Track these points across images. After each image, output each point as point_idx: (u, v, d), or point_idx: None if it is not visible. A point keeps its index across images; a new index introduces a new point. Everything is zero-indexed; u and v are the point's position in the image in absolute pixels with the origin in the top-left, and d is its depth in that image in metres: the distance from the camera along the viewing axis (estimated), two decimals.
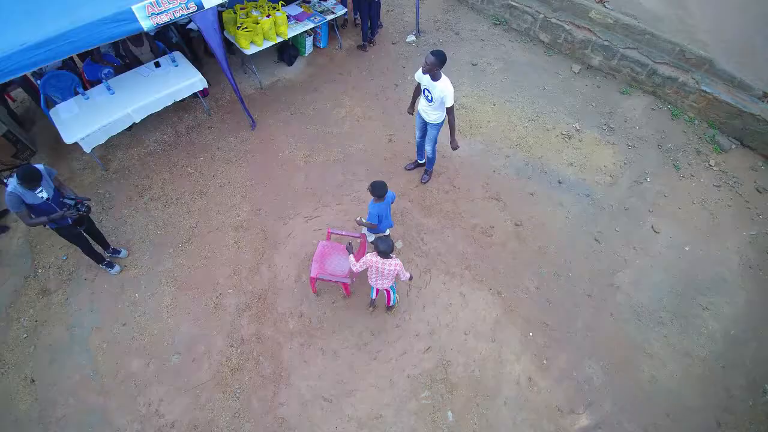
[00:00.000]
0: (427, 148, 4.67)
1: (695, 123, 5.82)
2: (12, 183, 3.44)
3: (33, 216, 3.58)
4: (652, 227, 4.79)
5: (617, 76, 6.32)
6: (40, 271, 4.64)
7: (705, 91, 5.72)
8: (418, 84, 4.31)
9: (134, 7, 3.91)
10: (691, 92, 5.85)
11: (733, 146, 5.66)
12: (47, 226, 3.75)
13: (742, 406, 3.83)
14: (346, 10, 6.42)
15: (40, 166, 3.54)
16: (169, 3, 4.06)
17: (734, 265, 4.61)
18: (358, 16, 6.82)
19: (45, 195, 3.56)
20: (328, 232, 4.20)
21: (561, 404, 3.72)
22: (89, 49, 4.08)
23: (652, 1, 6.49)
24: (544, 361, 3.94)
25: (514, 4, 6.87)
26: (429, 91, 4.18)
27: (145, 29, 4.06)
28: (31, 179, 3.36)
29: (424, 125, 4.56)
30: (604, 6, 6.47)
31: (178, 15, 4.16)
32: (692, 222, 4.88)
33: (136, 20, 3.97)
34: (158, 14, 4.05)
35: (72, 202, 3.65)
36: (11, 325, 4.34)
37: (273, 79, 6.33)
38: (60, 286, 4.49)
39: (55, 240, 4.77)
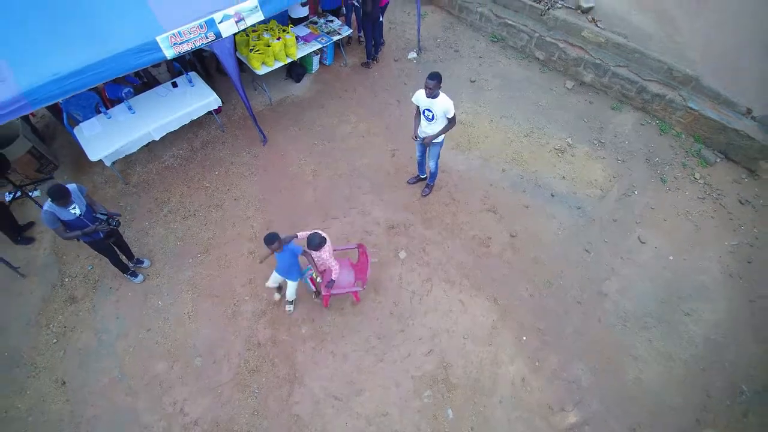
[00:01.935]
0: (431, 164, 4.99)
1: (682, 138, 6.15)
2: (47, 203, 3.76)
3: (68, 231, 3.90)
4: (639, 238, 5.12)
5: (608, 93, 6.66)
6: (66, 280, 4.97)
7: (691, 108, 6.06)
8: (417, 107, 4.60)
9: (158, 38, 4.26)
10: (678, 108, 6.18)
11: (718, 160, 5.99)
12: (81, 240, 4.08)
13: (721, 405, 4.16)
14: (351, 30, 6.76)
15: (72, 186, 3.86)
16: (190, 33, 4.41)
17: (716, 273, 4.94)
18: (362, 33, 7.15)
19: (77, 211, 3.88)
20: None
21: (552, 403, 4.05)
22: (117, 77, 4.40)
23: (642, 20, 6.84)
24: (537, 363, 4.27)
25: (510, 22, 7.21)
26: (430, 110, 4.48)
27: (168, 58, 4.41)
28: (60, 196, 3.66)
29: (424, 148, 4.89)
30: (597, 25, 6.81)
31: (198, 44, 4.51)
32: (677, 233, 5.21)
33: (160, 50, 4.32)
34: (180, 44, 4.40)
35: (104, 217, 3.98)
36: (41, 331, 4.66)
37: (282, 95, 6.67)
38: (87, 294, 4.82)
39: (81, 250, 5.11)
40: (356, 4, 6.46)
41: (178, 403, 4.06)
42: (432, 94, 4.25)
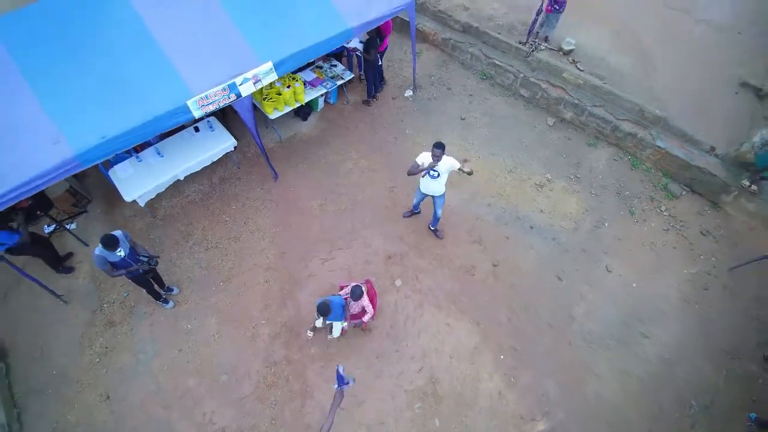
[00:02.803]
0: (438, 211, 5.63)
1: (652, 172, 6.84)
2: (98, 248, 4.49)
3: (115, 270, 4.64)
4: (606, 267, 5.82)
5: (586, 130, 7.35)
6: (105, 306, 5.69)
7: (659, 146, 6.74)
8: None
9: (189, 102, 4.99)
10: (648, 146, 6.86)
11: (684, 193, 6.67)
12: (125, 276, 4.82)
13: (671, 418, 4.86)
14: (352, 75, 7.47)
15: (118, 233, 4.59)
16: (215, 96, 5.14)
17: (674, 299, 5.63)
18: (362, 72, 7.85)
19: (122, 253, 4.61)
20: (341, 286, 5.17)
21: (524, 413, 4.77)
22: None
23: (619, 62, 7.52)
24: (512, 379, 4.99)
25: (498, 63, 7.91)
26: (435, 170, 5.02)
27: (197, 117, 5.15)
28: (111, 244, 4.41)
29: (424, 197, 5.53)
30: (577, 67, 7.50)
31: (222, 104, 5.25)
32: (641, 262, 5.90)
33: (189, 112, 5.05)
34: (207, 105, 5.13)
35: (146, 259, 4.73)
36: (84, 351, 5.37)
37: (291, 133, 7.40)
38: (124, 319, 5.55)
39: (117, 279, 5.82)
40: (358, 55, 7.19)
41: (207, 414, 4.80)
42: (438, 160, 4.83)
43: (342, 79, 7.23)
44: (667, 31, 7.95)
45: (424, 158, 4.98)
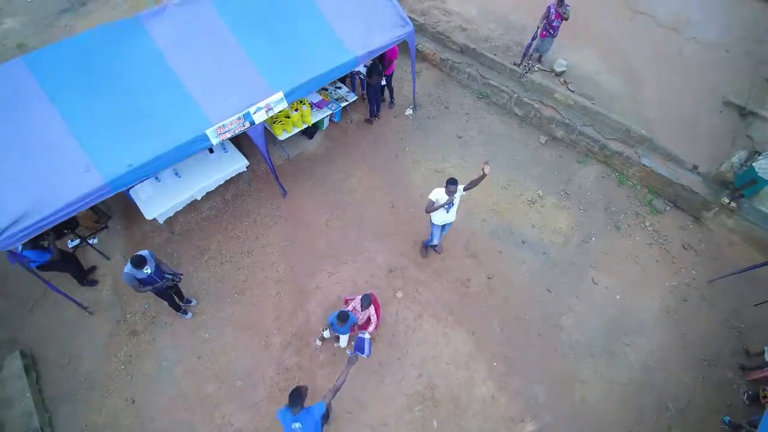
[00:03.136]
0: (444, 233, 6.01)
1: (638, 188, 7.27)
2: (127, 266, 4.95)
3: (142, 286, 5.10)
4: (593, 279, 6.26)
5: (576, 147, 7.79)
6: (128, 316, 6.14)
7: (644, 165, 7.18)
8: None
9: (208, 131, 5.45)
10: (634, 164, 7.30)
11: (668, 208, 7.10)
12: (151, 291, 5.29)
13: (650, 420, 5.30)
14: (356, 97, 7.91)
15: (145, 252, 5.06)
16: (231, 125, 5.60)
17: (655, 310, 6.06)
18: (365, 92, 8.29)
19: (149, 270, 5.07)
20: (346, 300, 5.63)
21: (514, 416, 5.21)
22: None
23: (609, 81, 7.96)
24: (504, 384, 5.43)
25: (493, 83, 8.36)
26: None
27: (214, 144, 5.60)
28: (140, 264, 4.88)
29: (443, 228, 5.85)
30: (568, 88, 7.94)
31: (237, 132, 5.71)
32: (625, 275, 6.33)
33: (208, 139, 5.51)
34: (223, 133, 5.59)
35: (170, 276, 5.19)
36: (110, 359, 5.81)
37: (298, 151, 7.85)
38: (146, 329, 6.00)
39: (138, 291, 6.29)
40: (362, 78, 7.65)
41: (226, 416, 5.25)
42: (453, 194, 5.11)
43: (346, 101, 7.69)
44: (658, 50, 8.36)
45: (438, 194, 5.20)
